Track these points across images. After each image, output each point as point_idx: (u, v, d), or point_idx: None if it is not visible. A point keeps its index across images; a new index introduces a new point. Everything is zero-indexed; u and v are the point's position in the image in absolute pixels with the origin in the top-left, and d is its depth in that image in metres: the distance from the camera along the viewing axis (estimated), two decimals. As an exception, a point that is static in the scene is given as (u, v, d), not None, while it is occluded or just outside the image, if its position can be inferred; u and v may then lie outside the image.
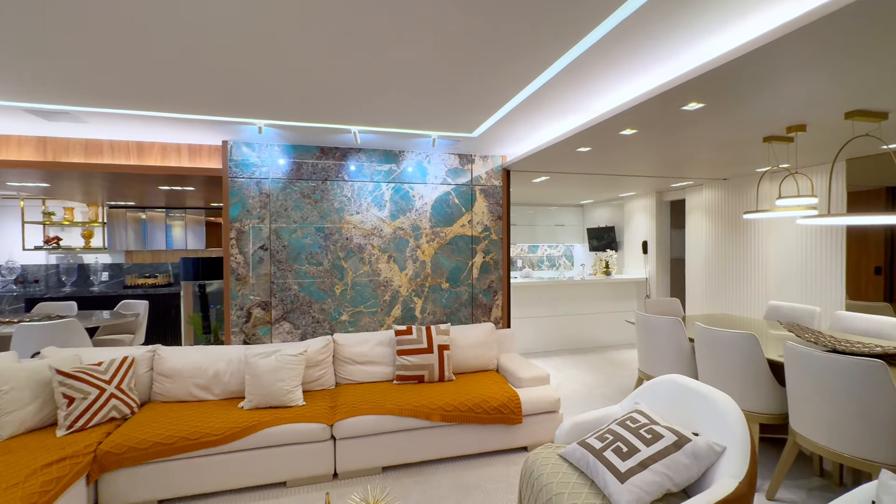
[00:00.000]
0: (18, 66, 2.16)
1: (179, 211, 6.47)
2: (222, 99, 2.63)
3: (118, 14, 1.70)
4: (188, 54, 2.04)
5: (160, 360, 3.01)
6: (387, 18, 1.74)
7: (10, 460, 2.14)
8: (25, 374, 2.54)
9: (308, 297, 3.69)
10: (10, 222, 5.97)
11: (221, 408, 2.83)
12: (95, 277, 6.10)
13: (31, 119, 2.99)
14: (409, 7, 1.66)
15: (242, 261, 3.54)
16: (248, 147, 3.57)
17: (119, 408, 2.69)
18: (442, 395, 2.99)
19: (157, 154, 3.54)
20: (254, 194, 3.58)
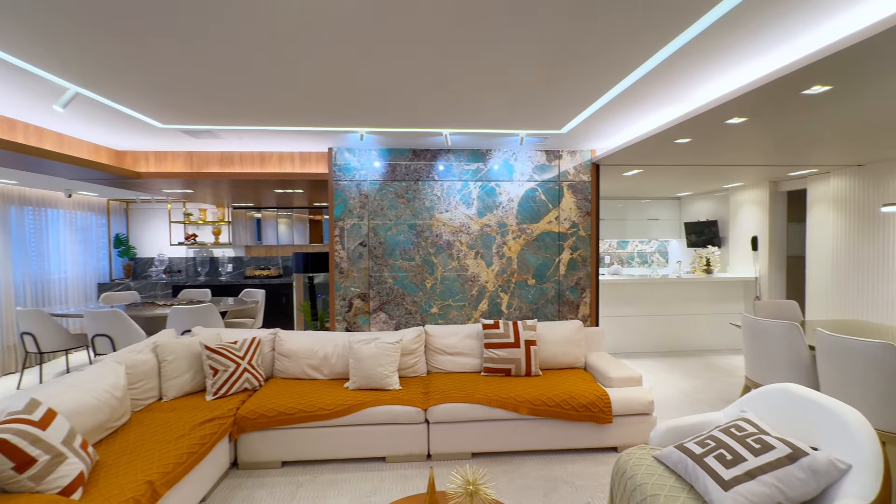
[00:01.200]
0: (182, 98, 2.64)
1: (287, 210, 7.26)
2: (331, 112, 2.95)
3: (260, 59, 2.02)
4: (307, 79, 2.33)
5: (280, 342, 3.47)
6: (479, 28, 1.85)
7: (175, 416, 2.65)
8: (183, 348, 3.10)
9: (401, 290, 3.97)
10: (159, 222, 7.18)
11: (330, 386, 3.19)
12: (223, 268, 7.10)
13: (184, 138, 3.60)
14: (511, 19, 1.74)
15: (345, 256, 3.92)
16: (349, 153, 3.93)
17: (250, 380, 3.17)
18: (529, 389, 3.06)
19: (275, 162, 4.05)
20: (354, 195, 3.93)
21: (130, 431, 2.44)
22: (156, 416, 2.65)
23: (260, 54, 2.07)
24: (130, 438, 2.36)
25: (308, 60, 2.13)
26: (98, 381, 2.42)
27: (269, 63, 2.17)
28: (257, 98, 2.68)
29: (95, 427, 2.29)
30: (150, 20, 1.74)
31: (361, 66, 2.20)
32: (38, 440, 1.79)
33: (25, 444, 1.74)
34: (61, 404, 2.15)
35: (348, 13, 1.70)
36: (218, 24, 1.78)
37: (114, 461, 2.12)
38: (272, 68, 2.23)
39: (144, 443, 2.30)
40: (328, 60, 2.13)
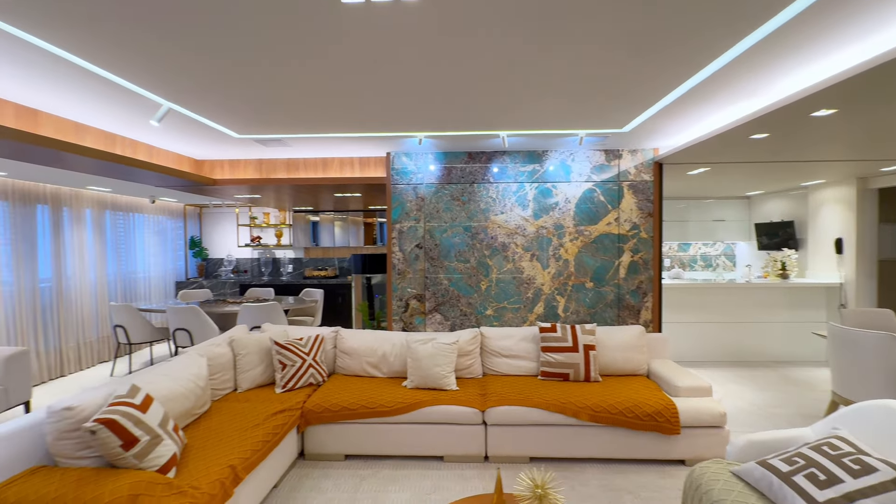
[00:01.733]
0: (258, 110, 2.83)
1: (342, 213, 7.54)
2: (390, 118, 3.04)
3: (330, 74, 2.13)
4: (372, 87, 2.43)
5: (341, 340, 3.61)
6: (538, 32, 1.84)
7: (250, 407, 2.84)
8: (255, 343, 3.31)
9: (456, 292, 4.01)
10: (227, 226, 7.71)
11: (389, 384, 3.28)
12: (284, 269, 7.50)
13: (255, 146, 3.86)
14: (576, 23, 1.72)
15: (402, 257, 4.02)
16: (406, 157, 4.02)
17: (315, 376, 3.32)
18: (589, 395, 2.98)
19: (336, 167, 4.23)
20: (411, 198, 4.02)
21: (212, 418, 2.64)
22: (232, 406, 2.85)
23: (332, 70, 2.18)
24: (212, 425, 2.55)
25: (375, 72, 2.22)
26: (184, 371, 2.65)
27: (339, 76, 2.27)
28: (324, 108, 2.81)
29: (183, 413, 2.50)
30: (237, 42, 1.89)
31: (425, 72, 2.26)
32: (140, 422, 1.99)
33: (130, 425, 1.93)
34: (156, 391, 2.37)
35: (415, 22, 1.76)
36: (298, 46, 1.90)
37: (199, 445, 2.30)
38: (342, 80, 2.34)
39: (225, 430, 2.48)
40: (394, 69, 2.21)
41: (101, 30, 1.81)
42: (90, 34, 1.84)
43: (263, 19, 1.72)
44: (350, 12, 1.67)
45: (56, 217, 4.89)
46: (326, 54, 2.04)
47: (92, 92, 2.49)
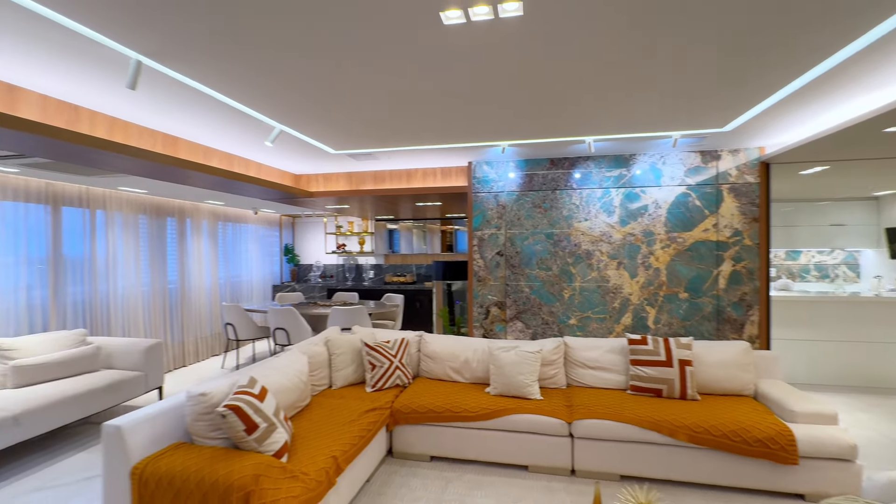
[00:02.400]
0: (354, 127, 3.06)
1: (420, 221, 7.80)
2: (476, 129, 3.12)
3: (426, 89, 2.25)
4: (462, 103, 2.51)
5: (425, 344, 3.74)
6: (635, 35, 1.78)
7: (344, 403, 3.04)
8: (347, 344, 3.54)
9: (538, 300, 3.96)
10: (316, 234, 8.33)
11: (472, 390, 3.33)
12: (366, 274, 7.93)
13: (346, 160, 4.16)
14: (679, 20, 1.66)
15: (483, 265, 4.06)
16: (487, 165, 4.08)
17: (401, 377, 3.47)
18: (686, 413, 2.78)
19: (419, 177, 4.41)
20: (492, 206, 4.07)
21: (312, 412, 2.88)
22: (329, 401, 3.07)
23: (427, 86, 2.30)
24: (313, 417, 2.77)
25: (467, 86, 2.30)
26: (290, 367, 2.91)
27: (432, 92, 2.39)
28: (414, 122, 2.97)
29: (289, 405, 2.74)
30: (341, 67, 2.08)
31: (516, 83, 2.29)
32: (259, 410, 2.23)
33: (251, 413, 2.17)
34: (269, 383, 2.63)
35: (512, 36, 1.80)
36: (399, 64, 2.04)
37: (304, 435, 2.52)
38: (434, 95, 2.46)
39: (324, 423, 2.68)
40: (486, 82, 2.27)
41: (231, 68, 2.08)
42: (221, 71, 2.13)
43: (369, 48, 1.88)
44: (451, 31, 1.76)
45: (181, 228, 5.64)
46: (424, 72, 2.16)
47: (219, 119, 2.87)
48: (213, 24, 1.69)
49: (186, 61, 2.03)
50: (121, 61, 2.00)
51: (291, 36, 1.80)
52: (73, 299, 4.29)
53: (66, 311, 4.21)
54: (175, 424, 2.26)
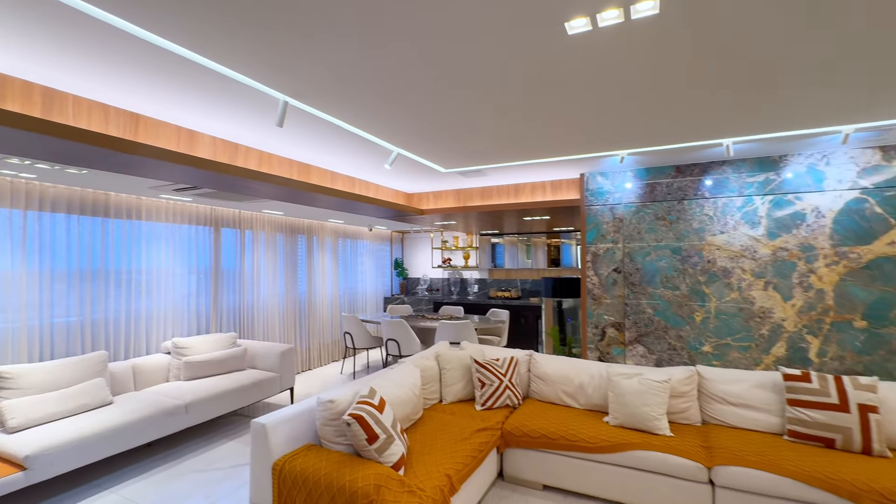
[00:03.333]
0: (465, 146, 3.11)
1: (524, 235, 7.65)
2: (592, 138, 2.94)
3: (539, 102, 2.18)
4: (579, 112, 2.39)
5: (535, 364, 3.59)
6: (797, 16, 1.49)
7: (455, 420, 3.03)
8: (457, 359, 3.56)
9: (663, 322, 3.56)
10: (423, 248, 8.68)
11: (588, 417, 3.09)
12: (470, 289, 8.00)
13: (454, 177, 4.26)
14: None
15: (598, 282, 3.80)
16: (602, 176, 3.83)
17: (511, 398, 3.37)
18: (874, 474, 2.22)
19: (528, 192, 4.32)
20: (607, 219, 3.80)
21: (425, 425, 2.92)
22: (440, 416, 3.09)
23: (545, 98, 2.23)
24: (426, 432, 2.81)
25: (587, 94, 2.18)
26: (405, 380, 3.01)
27: (550, 103, 2.32)
28: (527, 135, 2.91)
29: (403, 418, 2.82)
30: (454, 90, 2.11)
31: (641, 86, 2.11)
32: (379, 421, 2.32)
33: (373, 423, 2.27)
34: (386, 394, 2.74)
35: (645, 36, 1.65)
36: (518, 78, 2.02)
37: (418, 449, 2.56)
38: (552, 106, 2.38)
39: (437, 438, 2.70)
40: (607, 88, 2.13)
41: (358, 99, 2.26)
42: (355, 105, 2.32)
43: (486, 68, 1.88)
44: (574, 41, 1.68)
45: (309, 244, 6.30)
46: (542, 86, 2.10)
47: (345, 146, 3.14)
48: (346, 63, 1.85)
49: (322, 99, 2.25)
50: (267, 101, 2.30)
51: (410, 59, 1.88)
52: (227, 306, 5.02)
53: (221, 316, 4.94)
54: (307, 427, 2.47)
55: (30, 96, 1.87)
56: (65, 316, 3.56)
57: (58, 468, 2.71)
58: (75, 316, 3.63)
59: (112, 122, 2.18)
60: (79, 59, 1.78)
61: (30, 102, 1.87)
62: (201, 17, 1.53)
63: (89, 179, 3.19)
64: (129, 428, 3.10)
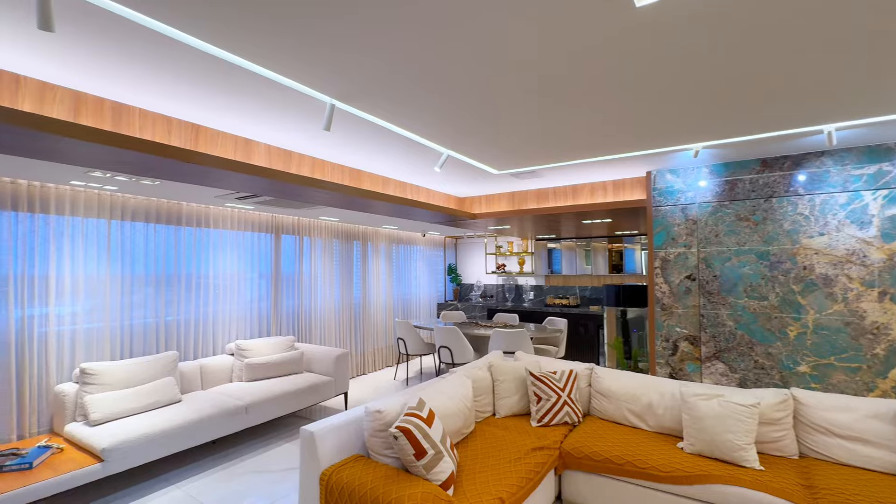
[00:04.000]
0: (517, 146, 2.95)
1: (582, 240, 7.26)
2: (659, 131, 2.65)
3: (600, 95, 1.98)
4: (642, 101, 2.14)
5: (597, 379, 3.31)
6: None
7: (509, 436, 2.85)
8: (511, 371, 3.37)
9: (748, 337, 3.14)
10: (476, 254, 8.54)
11: (659, 442, 2.77)
12: (526, 295, 7.73)
13: (508, 180, 4.08)
14: None
15: (668, 290, 3.44)
16: (672, 174, 3.49)
17: (570, 414, 3.12)
18: None
19: (587, 193, 4.04)
20: (678, 221, 3.44)
21: (476, 440, 2.76)
22: (493, 431, 2.92)
23: (607, 86, 2.03)
24: (477, 448, 2.66)
25: (651, 78, 1.94)
26: (455, 391, 2.87)
27: (615, 92, 2.10)
28: (584, 131, 2.68)
29: (454, 431, 2.69)
30: (507, 83, 1.96)
31: (717, 64, 1.83)
32: (427, 436, 2.20)
33: (420, 438, 2.16)
34: (435, 406, 2.63)
35: (726, 1, 1.41)
36: (580, 66, 1.83)
37: (469, 467, 2.41)
38: (611, 96, 2.16)
39: (489, 456, 2.54)
40: (675, 69, 1.88)
41: (413, 102, 2.18)
42: (403, 105, 2.25)
43: (543, 58, 1.72)
44: (643, 14, 1.48)
45: (363, 250, 6.40)
46: (606, 71, 1.90)
47: (394, 150, 3.10)
48: (393, 61, 1.77)
49: (369, 100, 2.20)
50: (317, 108, 2.29)
51: (463, 56, 1.76)
52: (286, 310, 5.19)
53: (281, 320, 5.12)
54: (356, 436, 2.41)
55: (101, 111, 1.99)
56: (142, 317, 3.83)
57: (130, 461, 2.87)
58: (151, 318, 3.89)
59: (174, 133, 2.28)
60: (144, 75, 1.86)
61: (101, 117, 1.99)
62: (255, 26, 1.52)
63: (163, 190, 3.40)
64: (195, 426, 3.24)
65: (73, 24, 1.50)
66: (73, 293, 3.40)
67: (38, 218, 3.22)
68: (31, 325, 3.17)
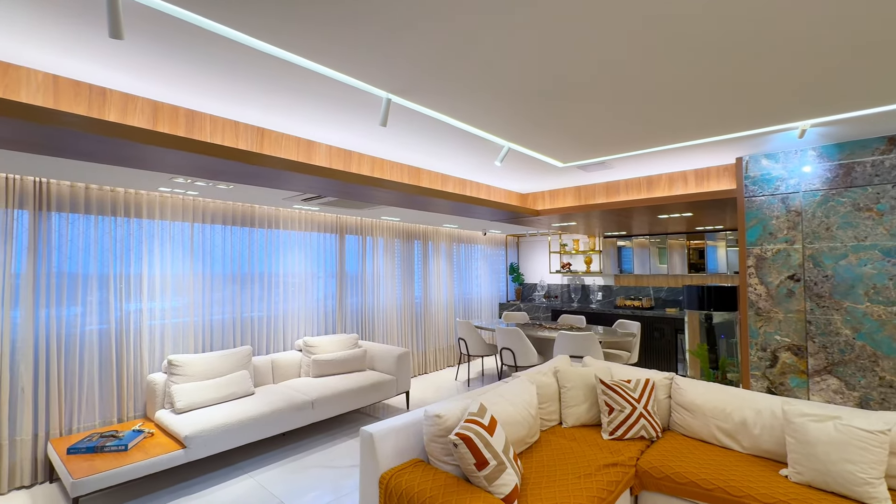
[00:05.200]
0: (585, 136, 2.72)
1: (656, 237, 6.70)
2: (757, 107, 2.30)
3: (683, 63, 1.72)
4: (739, 70, 1.84)
5: (678, 390, 2.98)
6: None
7: (577, 448, 2.63)
8: (579, 377, 3.14)
9: (870, 349, 2.65)
10: (540, 253, 8.23)
11: (756, 467, 2.41)
12: (593, 296, 7.30)
13: (573, 174, 3.83)
14: None
15: (764, 292, 3.01)
16: (768, 159, 3.05)
17: (647, 429, 2.83)
18: None
19: (663, 185, 3.67)
20: (778, 213, 2.99)
21: (542, 451, 2.59)
22: (560, 442, 2.72)
23: (686, 54, 1.77)
24: (543, 459, 2.48)
25: (754, 38, 1.66)
26: (518, 397, 2.71)
27: (701, 60, 1.83)
28: (662, 113, 2.40)
29: (517, 440, 2.53)
30: (577, 61, 1.78)
31: (836, 15, 1.51)
32: (488, 445, 2.08)
33: (482, 447, 2.04)
34: (497, 413, 2.49)
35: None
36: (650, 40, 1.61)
37: (534, 480, 2.24)
38: (694, 64, 1.89)
39: (556, 469, 2.35)
40: (782, 22, 1.58)
41: (470, 92, 2.07)
42: (460, 96, 2.15)
43: (613, 29, 1.52)
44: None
45: (424, 249, 6.40)
46: (699, 34, 1.65)
47: (452, 145, 3.00)
48: (452, 52, 1.67)
49: (425, 93, 2.12)
50: (374, 106, 2.25)
51: (524, 39, 1.61)
52: (350, 309, 5.32)
53: (345, 318, 5.25)
54: (415, 440, 2.34)
55: (176, 118, 2.10)
56: (220, 314, 4.09)
57: (209, 449, 3.05)
58: (228, 314, 4.14)
59: (241, 136, 2.36)
60: (214, 81, 1.93)
61: (176, 124, 2.10)
62: (309, 18, 1.49)
63: (237, 194, 3.60)
64: (267, 418, 3.38)
65: (149, 36, 1.57)
66: (161, 291, 3.70)
67: (133, 222, 3.54)
68: (129, 319, 3.50)
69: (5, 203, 2.94)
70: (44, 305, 3.11)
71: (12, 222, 2.98)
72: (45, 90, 1.75)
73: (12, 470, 2.93)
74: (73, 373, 3.21)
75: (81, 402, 3.24)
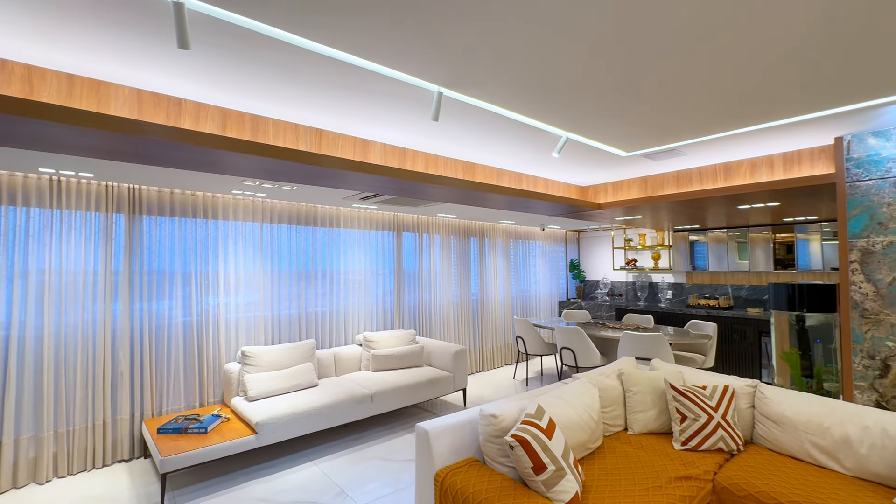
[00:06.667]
0: (651, 120, 2.51)
1: (735, 230, 6.10)
2: (861, 77, 1.98)
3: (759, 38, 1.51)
4: (842, 31, 1.59)
5: (763, 400, 2.68)
6: None
7: (645, 457, 2.45)
8: (646, 381, 2.93)
9: None
10: (603, 249, 7.84)
11: (862, 492, 2.09)
12: (662, 294, 6.83)
13: (639, 164, 3.57)
14: None
15: (872, 292, 2.61)
16: (877, 137, 2.63)
17: (726, 440, 2.57)
18: None
19: (744, 172, 3.32)
20: (890, 200, 2.58)
21: (605, 458, 2.44)
22: (625, 449, 2.55)
23: (781, 21, 1.55)
24: (607, 466, 2.33)
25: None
26: (579, 399, 2.58)
27: (793, 27, 1.61)
28: (741, 90, 2.15)
29: (578, 445, 2.41)
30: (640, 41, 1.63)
31: None
32: (546, 449, 1.99)
33: (539, 450, 1.96)
34: (556, 416, 2.38)
35: None
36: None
37: (596, 488, 2.11)
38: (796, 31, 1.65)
39: (621, 477, 2.20)
40: None
41: (519, 79, 1.98)
42: (514, 84, 2.07)
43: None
44: None
45: (480, 246, 6.34)
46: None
47: (507, 139, 2.92)
48: (505, 39, 1.60)
49: (477, 84, 2.06)
50: (427, 102, 2.23)
51: (584, 19, 1.50)
52: (407, 305, 5.40)
53: (403, 314, 5.34)
54: (470, 438, 2.31)
55: (242, 124, 2.23)
56: (287, 308, 4.33)
57: (277, 436, 3.23)
58: (294, 309, 4.37)
59: (301, 138, 2.46)
60: (275, 86, 2.02)
61: (242, 129, 2.23)
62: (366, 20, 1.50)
63: (300, 195, 3.77)
64: (329, 409, 3.52)
65: (214, 46, 1.66)
66: (236, 287, 3.98)
67: (210, 223, 3.83)
68: (208, 312, 3.80)
69: (105, 207, 3.31)
70: (138, 300, 3.46)
71: (111, 225, 3.34)
72: (130, 103, 1.93)
73: (115, 445, 3.30)
74: (163, 360, 3.54)
75: (169, 387, 3.57)
